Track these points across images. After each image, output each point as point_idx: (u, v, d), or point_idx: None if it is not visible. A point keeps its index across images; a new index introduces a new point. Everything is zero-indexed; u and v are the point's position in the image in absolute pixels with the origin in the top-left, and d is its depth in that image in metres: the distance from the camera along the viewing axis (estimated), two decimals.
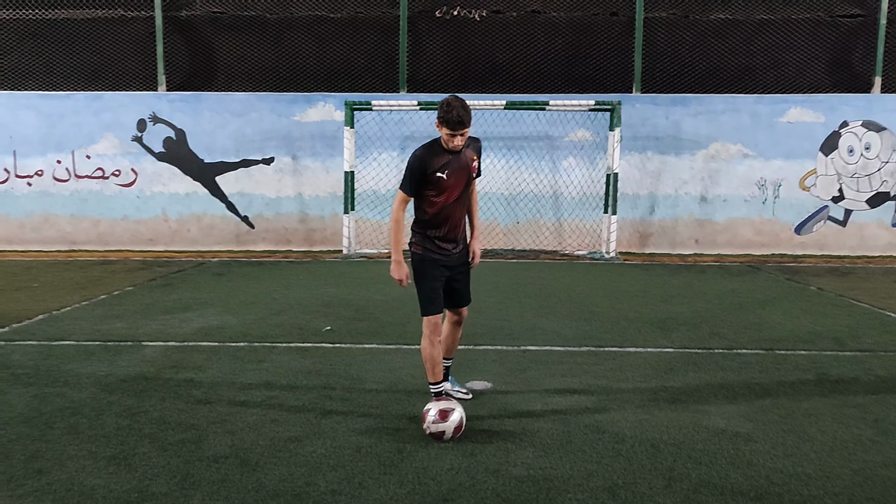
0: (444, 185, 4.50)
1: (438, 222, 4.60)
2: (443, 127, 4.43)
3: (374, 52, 13.74)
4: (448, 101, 4.42)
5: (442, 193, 4.53)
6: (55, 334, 6.94)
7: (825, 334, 7.11)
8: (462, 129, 4.39)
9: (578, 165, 13.39)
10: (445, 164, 4.49)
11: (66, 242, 13.76)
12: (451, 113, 4.37)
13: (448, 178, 4.50)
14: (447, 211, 4.58)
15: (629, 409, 4.89)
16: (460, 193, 4.60)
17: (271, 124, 13.55)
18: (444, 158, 4.51)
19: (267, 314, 7.93)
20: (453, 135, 4.41)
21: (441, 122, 4.43)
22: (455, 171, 4.53)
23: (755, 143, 13.28)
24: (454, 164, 4.53)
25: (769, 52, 13.51)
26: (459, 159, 4.57)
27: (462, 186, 4.59)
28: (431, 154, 4.51)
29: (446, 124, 4.40)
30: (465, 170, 4.59)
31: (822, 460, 4.08)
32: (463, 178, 4.59)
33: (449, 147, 4.49)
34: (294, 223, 13.75)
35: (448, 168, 4.50)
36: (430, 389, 4.68)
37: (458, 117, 4.36)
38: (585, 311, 8.17)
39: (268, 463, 3.98)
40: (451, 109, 4.37)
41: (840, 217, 13.39)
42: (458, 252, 4.73)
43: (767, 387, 5.42)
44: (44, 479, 3.77)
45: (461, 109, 4.37)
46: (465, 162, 4.59)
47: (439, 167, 4.48)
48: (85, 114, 13.58)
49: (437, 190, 4.51)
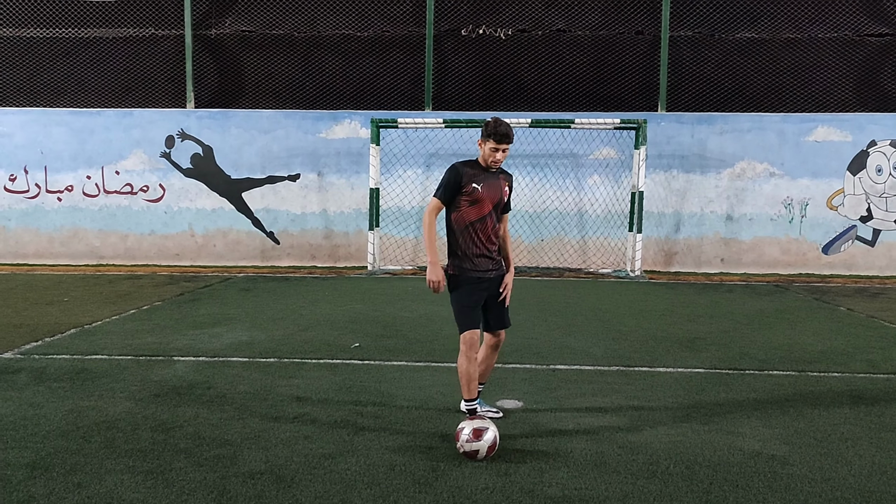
0: (478, 196, 4.66)
1: (472, 236, 4.70)
2: (488, 141, 4.64)
3: (400, 70, 13.87)
4: (494, 119, 4.69)
5: (475, 203, 4.67)
6: (88, 348, 7.02)
7: (858, 356, 7.03)
8: (507, 143, 4.64)
9: (603, 183, 13.39)
10: (480, 176, 4.70)
11: (95, 257, 13.95)
12: (499, 126, 4.62)
13: (482, 190, 4.67)
14: (481, 224, 4.70)
15: (662, 430, 4.86)
16: (494, 208, 4.73)
17: (297, 141, 13.70)
18: (480, 174, 4.72)
19: (295, 330, 7.98)
20: (497, 148, 4.64)
21: (487, 136, 4.64)
22: (490, 186, 4.71)
23: (782, 161, 13.22)
24: (490, 179, 4.73)
25: (796, 70, 13.47)
26: (494, 177, 4.76)
27: (495, 201, 4.73)
28: (469, 167, 4.74)
29: (493, 136, 4.61)
30: (498, 190, 4.76)
31: (860, 485, 4.02)
32: (496, 196, 4.73)
33: (489, 163, 4.69)
34: (319, 239, 13.85)
35: (482, 181, 4.69)
36: (464, 407, 4.74)
37: (506, 130, 4.63)
38: (613, 330, 8.13)
39: (303, 479, 4.00)
40: (498, 124, 4.64)
41: (868, 237, 13.25)
42: (495, 272, 4.79)
43: (801, 409, 5.36)
44: (83, 492, 3.81)
45: (506, 125, 4.65)
46: (500, 184, 4.78)
47: (475, 178, 4.68)
48: (115, 130, 13.82)
49: (471, 200, 4.67)
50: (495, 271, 4.79)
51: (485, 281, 4.73)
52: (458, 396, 5.47)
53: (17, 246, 13.97)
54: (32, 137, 13.87)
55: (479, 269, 4.72)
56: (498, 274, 4.81)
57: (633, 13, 13.65)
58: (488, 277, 4.75)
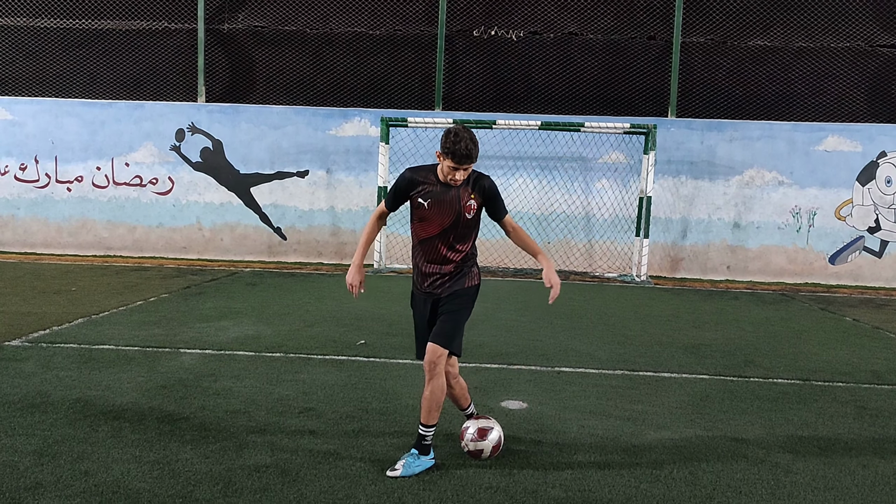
0: (424, 214, 4.15)
1: (419, 254, 4.26)
2: (446, 158, 4.01)
3: (411, 69, 13.90)
4: (455, 132, 3.99)
5: (423, 222, 4.17)
6: (95, 338, 7.06)
7: (862, 367, 7.02)
8: (467, 164, 4.00)
9: (611, 187, 13.39)
10: (431, 192, 4.12)
11: (102, 248, 14.01)
12: (458, 145, 3.94)
13: (429, 207, 4.12)
14: (431, 245, 4.19)
15: (666, 434, 4.87)
16: (445, 230, 4.15)
17: (307, 138, 13.74)
18: (430, 186, 4.14)
19: (301, 326, 8.01)
20: (456, 168, 4.02)
21: (446, 153, 4.00)
22: (439, 203, 4.12)
23: (791, 170, 13.20)
24: (441, 195, 4.13)
25: (807, 80, 13.46)
26: (449, 193, 4.13)
27: (447, 223, 4.14)
28: (419, 176, 4.18)
29: (452, 156, 3.97)
30: (452, 205, 4.13)
31: (863, 495, 4.03)
32: (448, 214, 4.12)
33: (447, 180, 4.10)
34: (326, 236, 13.88)
35: (431, 197, 4.12)
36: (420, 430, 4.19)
37: (467, 150, 3.95)
38: (618, 334, 8.14)
39: (308, 475, 4.02)
40: (458, 140, 3.94)
41: (876, 248, 13.23)
42: (442, 289, 4.24)
43: (806, 418, 5.37)
44: (90, 480, 3.84)
45: (470, 142, 3.96)
46: (456, 198, 4.13)
47: (423, 192, 4.13)
48: (126, 122, 13.87)
49: (419, 217, 4.18)
50: (444, 289, 4.23)
51: (430, 299, 4.27)
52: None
53: (26, 235, 14.04)
54: (44, 127, 13.93)
55: (423, 289, 4.28)
56: (449, 288, 4.22)
57: (646, 18, 13.65)
58: (436, 295, 4.25)
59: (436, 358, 4.08)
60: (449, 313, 4.19)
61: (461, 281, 4.25)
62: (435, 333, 4.15)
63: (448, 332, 4.14)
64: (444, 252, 4.19)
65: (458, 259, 4.24)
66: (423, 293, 4.30)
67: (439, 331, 4.15)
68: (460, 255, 4.24)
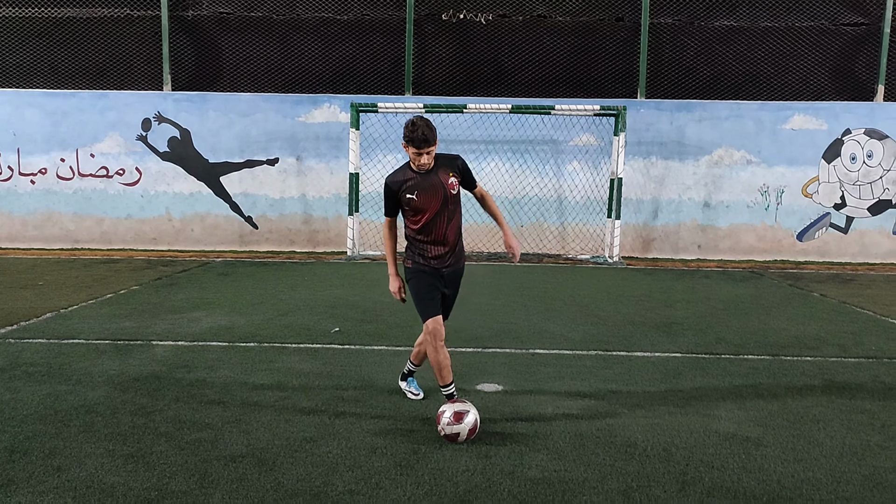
0: (417, 206, 4.59)
1: (424, 235, 4.67)
2: (409, 147, 4.52)
3: (380, 54, 13.79)
4: (412, 121, 4.52)
5: (418, 213, 4.62)
6: (64, 332, 6.96)
7: (830, 341, 7.16)
8: (427, 147, 4.49)
9: (583, 170, 13.45)
10: (414, 184, 4.58)
11: (69, 241, 13.78)
12: (415, 132, 4.47)
13: (418, 198, 4.58)
14: (431, 229, 4.65)
15: (640, 413, 4.93)
16: (439, 210, 4.62)
17: (276, 125, 13.60)
18: (412, 180, 4.60)
19: (274, 315, 7.97)
20: (419, 153, 4.50)
21: (407, 141, 4.52)
22: (425, 191, 4.59)
23: (759, 149, 13.36)
24: (423, 183, 4.59)
25: (773, 59, 13.59)
26: (430, 179, 4.61)
27: (438, 204, 4.61)
28: (400, 176, 4.65)
29: (412, 143, 4.49)
30: (436, 189, 4.61)
31: (832, 465, 4.12)
32: (436, 196, 4.60)
33: (416, 166, 4.58)
34: (298, 224, 13.79)
35: (417, 188, 4.58)
36: (442, 392, 4.73)
37: (423, 135, 4.46)
38: (591, 315, 8.21)
39: (284, 463, 4.01)
40: (415, 129, 4.47)
41: (842, 224, 13.46)
42: (449, 265, 4.74)
43: (775, 392, 5.46)
44: (63, 476, 3.80)
45: (425, 128, 4.47)
46: (437, 181, 4.62)
47: (408, 188, 4.58)
48: (89, 112, 13.61)
49: (413, 210, 4.62)
50: (450, 262, 4.75)
51: (440, 269, 4.72)
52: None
53: None
54: (5, 119, 13.62)
55: (431, 261, 4.71)
56: (454, 265, 4.78)
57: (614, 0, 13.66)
58: (444, 266, 4.72)
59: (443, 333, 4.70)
60: (452, 297, 4.91)
61: (460, 260, 4.84)
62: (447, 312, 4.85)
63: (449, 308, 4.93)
64: (443, 230, 4.66)
65: (456, 234, 4.74)
66: (432, 269, 4.71)
67: (447, 311, 4.86)
68: (455, 231, 4.73)
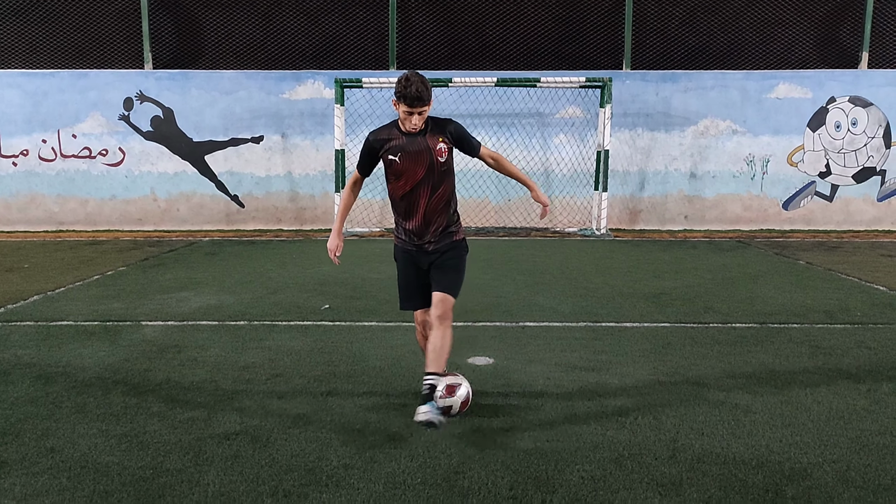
0: (398, 169, 4.18)
1: (403, 210, 4.29)
2: (400, 104, 4.07)
3: (363, 28, 13.65)
4: (406, 76, 4.05)
5: (399, 178, 4.21)
6: (52, 315, 6.92)
7: (816, 308, 7.24)
8: (421, 106, 4.05)
9: (569, 142, 13.43)
10: (398, 146, 4.16)
11: (54, 223, 13.66)
12: (409, 88, 4.00)
13: (401, 161, 4.16)
14: (411, 199, 4.23)
15: (630, 383, 4.98)
16: (422, 180, 4.18)
17: (260, 102, 13.48)
18: (397, 140, 4.18)
19: (264, 293, 7.95)
20: (411, 112, 4.07)
21: (398, 98, 4.06)
22: (410, 155, 4.15)
23: (744, 119, 13.38)
24: (409, 147, 4.16)
25: (758, 27, 13.56)
26: (416, 142, 4.16)
27: (423, 171, 4.17)
28: (383, 135, 4.23)
29: (404, 100, 4.04)
30: (423, 154, 4.16)
31: (819, 429, 4.18)
32: (420, 162, 4.16)
33: (406, 127, 4.14)
34: (284, 202, 13.72)
35: (401, 150, 4.15)
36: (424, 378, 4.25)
37: (417, 92, 4.00)
38: (580, 288, 8.25)
39: (278, 439, 4.03)
40: (409, 84, 4.00)
41: (827, 192, 13.55)
42: (430, 242, 4.30)
43: (763, 359, 5.53)
44: (57, 457, 3.80)
45: (420, 84, 4.01)
46: (424, 146, 4.16)
47: (391, 148, 4.17)
48: (70, 92, 13.43)
49: (393, 174, 4.22)
50: (434, 243, 4.30)
51: (420, 250, 4.33)
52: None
53: None
54: None
55: (411, 244, 4.33)
56: (442, 245, 4.31)
57: None
58: (424, 249, 4.32)
59: (448, 307, 4.22)
60: (451, 268, 4.31)
61: (449, 235, 4.33)
62: (441, 283, 4.25)
63: (453, 280, 4.30)
64: (426, 203, 4.23)
65: (441, 208, 4.26)
66: (412, 248, 4.34)
67: (445, 281, 4.26)
68: (441, 204, 4.26)
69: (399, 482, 3.54)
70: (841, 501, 3.35)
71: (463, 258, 4.40)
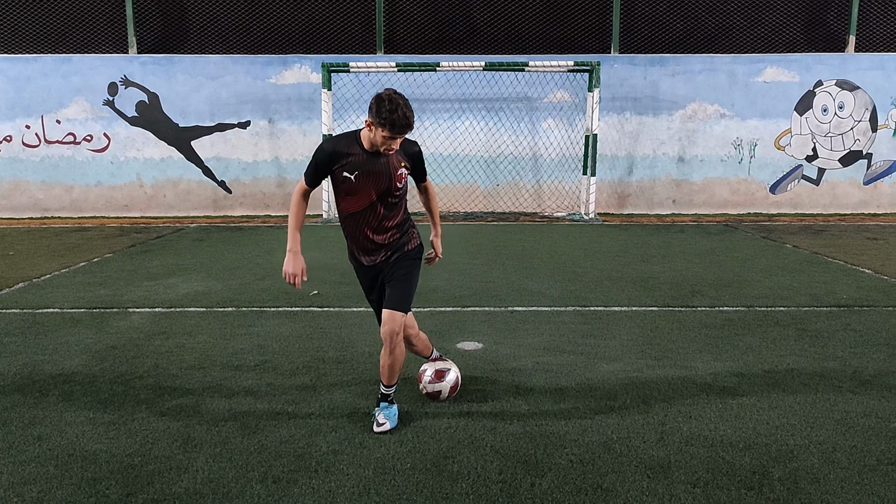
0: (353, 188, 3.81)
1: (352, 229, 3.96)
2: (381, 129, 3.64)
3: (350, 12, 13.54)
4: (389, 98, 3.62)
5: (352, 196, 3.85)
6: (38, 302, 6.87)
7: (803, 291, 7.28)
8: (407, 133, 3.70)
9: (557, 127, 13.41)
10: (356, 163, 3.78)
11: (38, 209, 13.54)
12: (396, 113, 3.57)
13: (356, 180, 3.79)
14: (360, 218, 3.90)
15: (618, 366, 5.00)
16: (376, 201, 3.86)
17: (246, 87, 13.36)
18: (356, 157, 3.79)
19: (252, 279, 7.92)
20: (393, 138, 3.67)
21: (382, 123, 3.61)
22: (368, 174, 3.79)
23: (732, 102, 13.39)
24: (369, 165, 3.79)
25: (746, 10, 13.55)
26: (378, 163, 3.80)
27: (376, 195, 3.84)
28: (342, 147, 3.80)
29: (390, 127, 3.60)
30: (381, 176, 3.81)
31: (805, 411, 4.22)
32: (378, 184, 3.82)
33: (381, 150, 3.74)
34: (272, 188, 13.65)
35: (359, 169, 3.78)
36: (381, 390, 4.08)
37: (405, 119, 3.61)
38: (568, 272, 8.26)
39: (267, 426, 4.02)
40: (395, 108, 3.57)
41: (813, 176, 13.60)
42: (382, 259, 4.02)
43: (750, 342, 5.56)
44: (44, 445, 3.78)
45: (406, 109, 3.62)
46: (384, 168, 3.81)
47: (348, 164, 3.77)
48: (53, 77, 13.27)
49: (346, 191, 3.85)
50: (386, 257, 4.00)
51: (372, 268, 4.04)
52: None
53: None
54: None
55: (364, 259, 4.03)
56: (391, 257, 4.01)
57: None
58: (376, 264, 4.02)
59: (396, 327, 3.89)
60: (399, 280, 3.97)
61: (402, 246, 4.03)
62: (390, 301, 3.92)
63: (402, 297, 3.94)
64: (378, 223, 3.92)
65: (394, 225, 3.97)
66: (365, 265, 4.05)
67: (393, 298, 3.92)
68: (394, 222, 3.97)
69: (388, 467, 3.54)
70: (827, 482, 3.39)
71: (415, 267, 4.06)
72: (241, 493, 3.29)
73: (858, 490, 3.32)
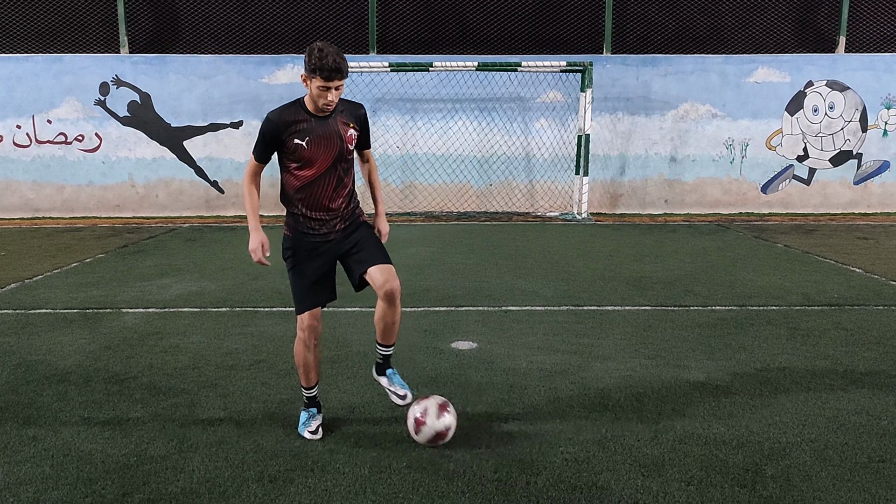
0: (305, 156, 3.70)
1: (305, 195, 3.80)
2: (314, 78, 3.56)
3: (343, 12, 13.52)
4: (318, 46, 3.57)
5: (305, 166, 3.73)
6: (31, 303, 6.85)
7: (794, 290, 7.33)
8: (339, 80, 3.57)
9: (550, 127, 13.43)
10: (305, 129, 3.68)
11: (30, 210, 13.47)
12: (325, 59, 3.51)
13: (308, 146, 3.69)
14: (314, 188, 3.78)
15: (612, 366, 5.03)
16: (330, 167, 3.77)
17: (239, 87, 13.33)
18: (304, 123, 3.69)
19: (245, 279, 7.91)
20: (327, 87, 3.57)
21: (312, 70, 3.54)
22: (318, 139, 3.70)
23: (723, 103, 13.44)
24: (318, 129, 3.70)
25: (737, 11, 13.61)
26: (326, 125, 3.72)
27: (330, 159, 3.75)
28: (288, 116, 3.69)
29: (319, 72, 3.52)
30: (332, 139, 3.73)
31: (797, 409, 4.25)
32: (331, 149, 3.73)
33: (320, 105, 3.64)
34: (264, 188, 13.53)
35: (309, 134, 3.68)
36: (303, 394, 4.05)
37: (335, 64, 3.52)
38: (562, 272, 8.29)
39: (263, 425, 4.03)
40: (324, 55, 3.52)
41: (804, 176, 13.68)
42: (338, 230, 3.90)
43: (743, 341, 5.60)
44: (39, 445, 3.78)
45: (336, 55, 3.54)
46: (334, 130, 3.74)
47: (296, 132, 3.67)
48: (44, 77, 13.19)
49: (298, 161, 3.73)
50: (341, 230, 3.90)
51: (326, 244, 3.90)
52: (414, 338, 5.56)
53: None
54: None
55: (317, 233, 3.87)
56: (347, 229, 3.92)
57: None
58: (330, 239, 3.90)
59: (396, 282, 3.82)
60: (368, 240, 3.93)
61: (357, 217, 3.97)
62: (377, 258, 3.85)
63: (384, 252, 3.92)
64: (330, 193, 3.81)
65: (346, 194, 3.89)
66: (318, 238, 3.89)
67: (378, 255, 3.87)
68: (346, 190, 3.89)
69: (384, 466, 3.56)
70: (819, 479, 3.42)
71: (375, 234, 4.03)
72: (237, 493, 3.30)
73: (850, 487, 3.35)
